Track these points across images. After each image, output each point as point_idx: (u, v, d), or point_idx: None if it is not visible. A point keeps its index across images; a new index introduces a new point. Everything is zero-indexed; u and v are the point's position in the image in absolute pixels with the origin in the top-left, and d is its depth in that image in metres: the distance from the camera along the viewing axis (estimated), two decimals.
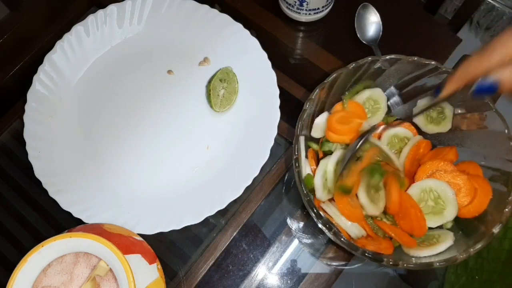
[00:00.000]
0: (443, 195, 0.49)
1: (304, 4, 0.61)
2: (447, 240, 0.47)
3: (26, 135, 0.59)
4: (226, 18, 0.64)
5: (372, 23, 0.65)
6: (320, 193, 0.50)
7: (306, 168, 0.53)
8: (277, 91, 0.60)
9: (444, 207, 0.48)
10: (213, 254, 0.57)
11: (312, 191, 0.52)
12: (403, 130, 0.54)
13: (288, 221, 0.59)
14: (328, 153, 0.53)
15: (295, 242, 0.58)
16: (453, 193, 0.48)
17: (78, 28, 0.64)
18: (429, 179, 0.50)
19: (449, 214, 0.48)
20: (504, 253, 0.52)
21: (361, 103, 0.55)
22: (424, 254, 0.47)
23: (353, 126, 0.52)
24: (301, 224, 0.59)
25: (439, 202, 0.49)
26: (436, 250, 0.47)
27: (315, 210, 0.46)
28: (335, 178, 0.50)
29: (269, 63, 0.62)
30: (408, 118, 0.55)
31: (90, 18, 0.64)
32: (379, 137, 0.55)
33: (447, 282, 0.55)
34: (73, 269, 0.44)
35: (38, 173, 0.57)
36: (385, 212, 0.50)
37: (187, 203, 0.57)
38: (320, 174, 0.50)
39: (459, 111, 0.52)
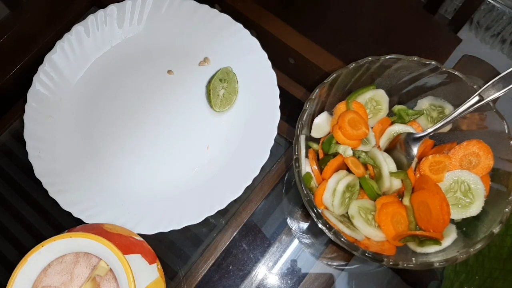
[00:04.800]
0: (474, 188, 0.49)
1: None
2: (451, 234, 0.47)
3: (26, 135, 0.59)
4: (226, 18, 0.64)
5: None
6: (333, 210, 0.51)
7: (306, 168, 0.53)
8: (277, 91, 0.60)
9: (472, 201, 0.48)
10: (213, 254, 0.57)
11: (312, 190, 0.52)
12: (407, 128, 0.54)
13: (288, 221, 0.59)
14: (333, 155, 0.53)
15: (295, 242, 0.58)
16: (484, 188, 0.48)
17: (78, 28, 0.64)
18: (463, 170, 0.50)
19: (475, 209, 0.48)
20: (506, 250, 0.52)
21: (363, 104, 0.55)
22: (431, 250, 0.47)
23: (360, 134, 0.52)
24: (301, 224, 0.59)
25: (468, 196, 0.49)
26: (441, 246, 0.47)
27: (315, 210, 0.46)
28: (343, 200, 0.50)
29: (269, 63, 0.62)
30: None
31: (90, 18, 0.64)
32: (381, 133, 0.55)
33: (446, 279, 0.55)
34: (73, 269, 0.44)
35: (38, 173, 0.57)
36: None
37: (187, 203, 0.57)
38: (330, 192, 0.50)
39: None
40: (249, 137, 0.60)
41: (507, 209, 0.45)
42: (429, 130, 0.50)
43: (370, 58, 0.51)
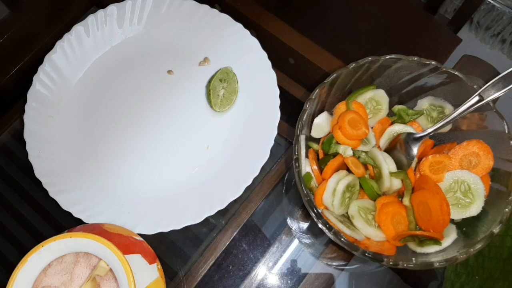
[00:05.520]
0: (474, 188, 0.49)
1: None
2: (451, 234, 0.47)
3: (26, 135, 0.59)
4: (226, 18, 0.64)
5: None
6: (333, 210, 0.51)
7: (306, 168, 0.53)
8: (277, 91, 0.60)
9: (472, 201, 0.48)
10: (213, 254, 0.57)
11: (312, 190, 0.52)
12: (407, 128, 0.54)
13: (288, 221, 0.59)
14: (333, 155, 0.53)
15: (295, 242, 0.58)
16: (484, 188, 0.48)
17: (78, 28, 0.64)
18: (463, 170, 0.50)
19: (475, 209, 0.48)
20: (506, 251, 0.52)
21: (363, 104, 0.55)
22: (431, 250, 0.47)
23: (360, 134, 0.52)
24: (301, 224, 0.59)
25: (468, 196, 0.49)
26: (441, 246, 0.47)
27: (315, 210, 0.46)
28: (343, 200, 0.50)
29: (269, 63, 0.62)
30: None
31: (90, 18, 0.64)
32: (381, 133, 0.55)
33: (447, 280, 0.55)
34: (73, 269, 0.44)
35: (38, 173, 0.57)
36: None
37: (187, 203, 0.57)
38: (330, 192, 0.50)
39: None
40: (249, 137, 0.60)
41: (507, 209, 0.45)
42: (429, 130, 0.50)
43: (370, 58, 0.51)
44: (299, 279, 0.56)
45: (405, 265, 0.44)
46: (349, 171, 0.52)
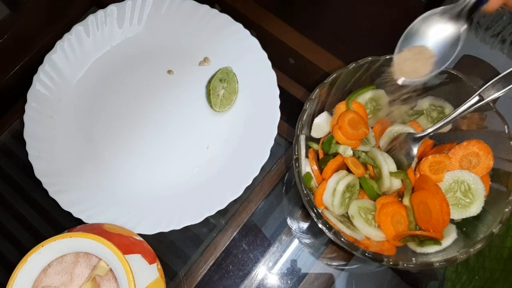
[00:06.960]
0: (474, 188, 0.49)
1: None
2: (451, 234, 0.47)
3: (26, 135, 0.59)
4: (226, 18, 0.64)
5: None
6: (333, 210, 0.51)
7: (306, 168, 0.53)
8: (277, 91, 0.60)
9: (472, 201, 0.48)
10: (213, 254, 0.57)
11: (312, 190, 0.52)
12: (407, 128, 0.54)
13: (288, 221, 0.59)
14: (333, 155, 0.53)
15: (295, 242, 0.58)
16: (484, 188, 0.48)
17: (78, 28, 0.64)
18: (463, 170, 0.50)
19: (475, 209, 0.48)
20: (507, 251, 0.52)
21: (363, 104, 0.55)
22: (430, 250, 0.47)
23: (360, 134, 0.52)
24: (301, 224, 0.59)
25: (468, 196, 0.49)
26: (441, 246, 0.47)
27: (315, 210, 0.46)
28: (343, 200, 0.50)
29: (269, 63, 0.62)
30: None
31: (90, 18, 0.64)
32: (381, 133, 0.55)
33: (447, 280, 0.55)
34: (73, 269, 0.44)
35: (38, 173, 0.57)
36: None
37: (187, 203, 0.57)
38: (330, 192, 0.50)
39: None
40: (249, 137, 0.60)
41: (507, 209, 0.45)
42: (429, 130, 0.50)
43: (370, 58, 0.51)
44: (299, 279, 0.56)
45: (405, 265, 0.44)
46: (349, 171, 0.52)
